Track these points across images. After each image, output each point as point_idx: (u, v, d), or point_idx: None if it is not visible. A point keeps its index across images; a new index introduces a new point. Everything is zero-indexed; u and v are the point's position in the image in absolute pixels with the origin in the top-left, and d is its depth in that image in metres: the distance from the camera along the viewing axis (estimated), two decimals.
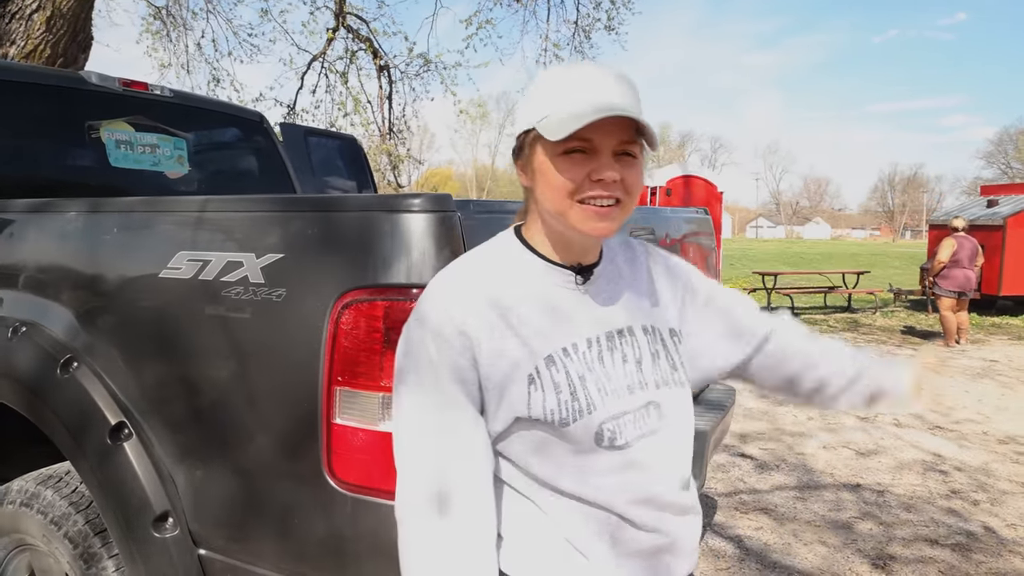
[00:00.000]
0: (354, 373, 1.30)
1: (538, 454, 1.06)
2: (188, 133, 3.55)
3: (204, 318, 1.49)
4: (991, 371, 8.00)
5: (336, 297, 1.31)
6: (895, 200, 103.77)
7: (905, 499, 4.15)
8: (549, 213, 1.05)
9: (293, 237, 1.39)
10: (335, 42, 11.40)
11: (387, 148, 12.04)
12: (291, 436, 1.40)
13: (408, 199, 1.29)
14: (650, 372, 1.12)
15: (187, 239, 1.54)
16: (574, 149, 1.01)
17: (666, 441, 1.12)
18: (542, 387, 1.03)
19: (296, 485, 1.41)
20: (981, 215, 12.52)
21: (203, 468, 1.56)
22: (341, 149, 4.80)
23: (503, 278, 1.07)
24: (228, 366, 1.47)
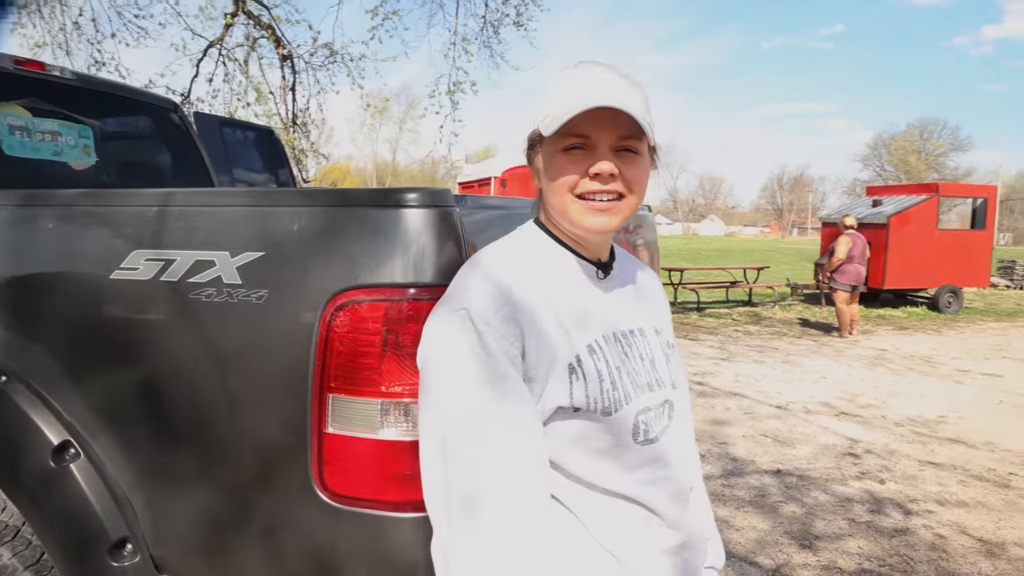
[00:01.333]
0: (350, 379, 1.21)
1: (576, 447, 1.03)
2: (95, 120, 3.28)
3: (167, 323, 1.35)
4: (882, 359, 8.56)
5: (329, 298, 1.21)
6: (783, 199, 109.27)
7: (822, 482, 4.37)
8: (554, 210, 1.07)
9: (275, 233, 1.27)
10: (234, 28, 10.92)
11: (290, 141, 11.64)
12: (273, 448, 1.29)
13: (405, 193, 1.21)
14: (664, 372, 1.16)
15: (145, 236, 1.39)
16: (573, 146, 1.02)
17: (680, 437, 1.17)
18: (584, 376, 1.01)
19: (280, 500, 1.30)
20: (867, 214, 13.35)
21: (166, 488, 1.42)
22: (258, 142, 4.58)
23: (539, 269, 1.06)
24: (198, 375, 1.34)
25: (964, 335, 10.70)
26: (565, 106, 0.99)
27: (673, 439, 1.14)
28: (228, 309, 1.29)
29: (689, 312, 12.60)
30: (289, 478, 1.27)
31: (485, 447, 0.94)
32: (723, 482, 4.33)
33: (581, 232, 1.07)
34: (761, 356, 8.59)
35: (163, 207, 1.39)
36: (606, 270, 1.13)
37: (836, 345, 9.51)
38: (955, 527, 3.76)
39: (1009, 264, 19.76)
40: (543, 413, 1.01)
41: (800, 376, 7.46)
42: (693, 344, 9.34)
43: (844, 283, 9.91)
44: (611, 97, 0.98)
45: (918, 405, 6.29)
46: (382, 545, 1.23)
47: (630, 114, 0.98)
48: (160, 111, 3.62)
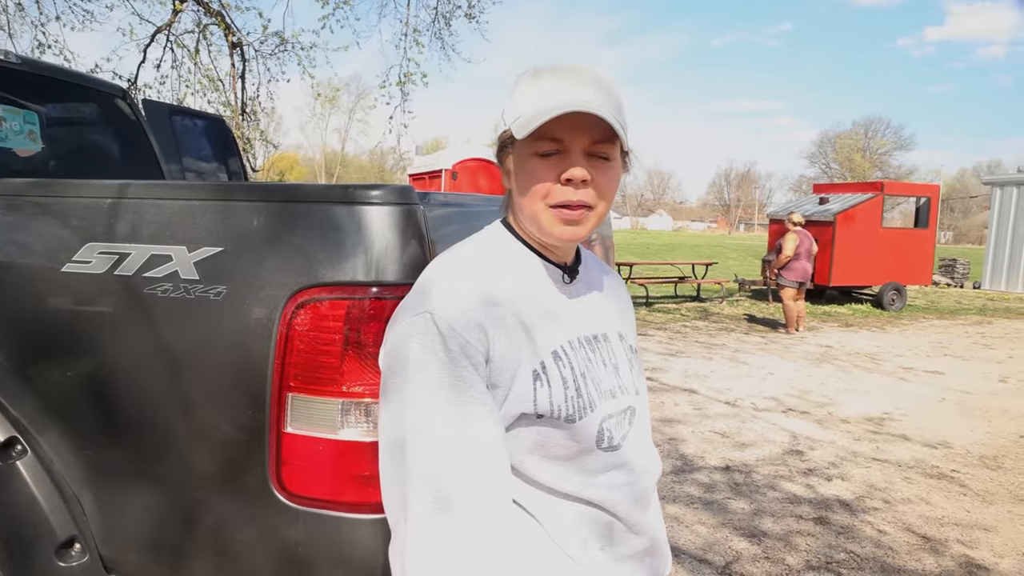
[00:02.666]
0: (310, 378, 1.19)
1: (537, 453, 1.03)
2: (40, 106, 3.17)
3: (121, 319, 1.32)
4: (828, 355, 8.76)
5: (289, 296, 1.20)
6: (731, 195, 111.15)
7: (770, 478, 4.46)
8: (524, 214, 1.05)
9: (235, 229, 1.25)
10: (183, 14, 10.66)
11: (240, 129, 11.43)
12: (231, 447, 1.27)
13: (369, 190, 1.20)
14: (628, 378, 1.16)
15: (98, 229, 1.35)
16: (546, 151, 1.00)
17: (640, 443, 1.17)
18: (548, 382, 1.01)
19: (236, 500, 1.28)
20: (814, 211, 13.63)
21: (116, 486, 1.38)
22: (209, 129, 4.47)
23: (505, 272, 1.04)
24: (151, 371, 1.31)
25: (907, 332, 10.96)
26: (540, 108, 0.97)
27: (634, 445, 1.14)
28: (185, 305, 1.27)
29: (638, 307, 12.73)
30: (246, 478, 1.26)
31: (445, 450, 0.93)
32: (673, 479, 4.40)
33: (550, 240, 1.06)
34: (709, 352, 8.72)
35: (118, 199, 1.35)
36: (572, 274, 1.13)
37: (783, 341, 9.71)
38: (900, 524, 3.86)
39: (950, 262, 20.30)
40: (506, 419, 1.00)
41: (748, 372, 7.60)
42: (642, 339, 9.43)
43: (791, 280, 10.12)
44: (588, 102, 0.97)
45: (864, 402, 6.43)
46: (341, 547, 1.22)
47: (605, 119, 0.97)
48: (108, 97, 3.52)
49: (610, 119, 0.97)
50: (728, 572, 3.26)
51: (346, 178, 73.87)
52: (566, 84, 1.00)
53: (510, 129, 1.02)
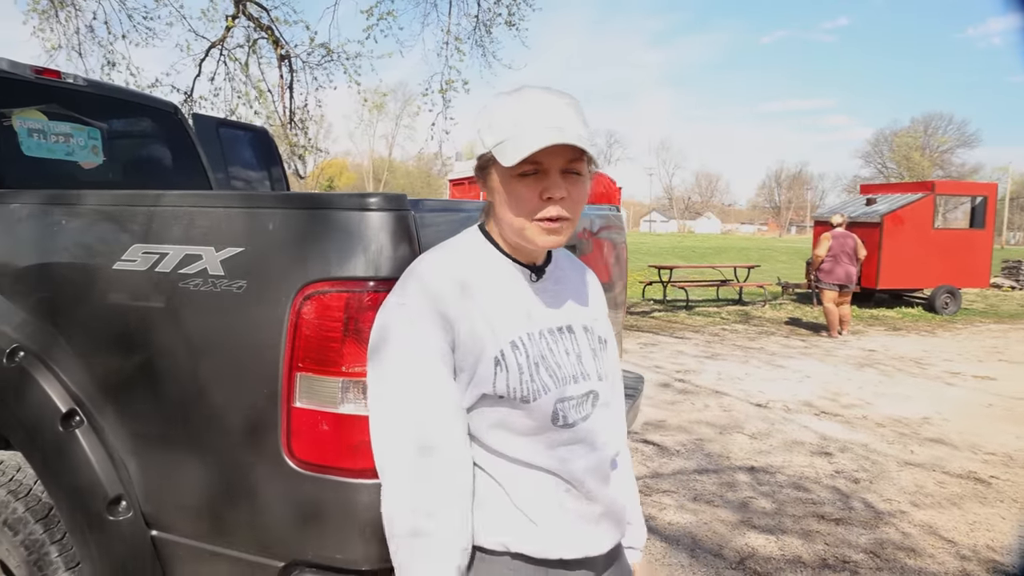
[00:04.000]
0: (315, 360, 1.40)
1: (499, 428, 1.20)
2: (102, 122, 3.49)
3: (160, 309, 1.55)
4: (871, 359, 8.66)
5: (298, 289, 1.40)
6: (781, 196, 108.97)
7: (795, 479, 4.51)
8: (509, 227, 1.21)
9: (254, 232, 1.46)
10: (234, 29, 11.17)
11: (288, 138, 11.88)
12: (250, 420, 1.48)
13: (366, 198, 1.40)
14: (591, 365, 1.31)
15: (143, 232, 1.58)
16: (527, 172, 1.15)
17: (603, 423, 1.32)
18: (506, 367, 1.17)
19: (255, 466, 1.49)
20: (861, 213, 13.40)
21: (156, 453, 1.61)
22: (253, 141, 4.77)
23: (474, 270, 1.21)
24: (185, 354, 1.54)
25: (959, 337, 10.67)
26: (524, 138, 1.12)
27: (595, 424, 1.29)
28: (212, 297, 1.49)
29: (678, 310, 12.75)
30: (263, 446, 1.47)
31: (407, 410, 1.14)
32: (694, 476, 4.50)
33: (535, 248, 1.22)
34: (746, 355, 8.74)
35: (159, 207, 1.58)
36: (539, 273, 1.28)
37: (824, 345, 9.62)
38: (926, 527, 3.82)
39: (1015, 264, 19.33)
40: (472, 397, 1.18)
41: (784, 375, 7.61)
42: (678, 342, 9.51)
43: (830, 282, 10.03)
44: (568, 133, 1.13)
45: (902, 406, 6.33)
46: (341, 506, 1.42)
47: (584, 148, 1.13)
48: (161, 113, 3.82)
49: (585, 146, 1.13)
50: (742, 567, 3.35)
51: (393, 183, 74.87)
52: (542, 112, 1.15)
53: (491, 152, 1.17)
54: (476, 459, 1.23)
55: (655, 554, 3.45)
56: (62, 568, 1.72)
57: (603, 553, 1.29)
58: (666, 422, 5.69)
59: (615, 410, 1.43)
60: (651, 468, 4.62)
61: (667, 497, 4.14)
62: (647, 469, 4.60)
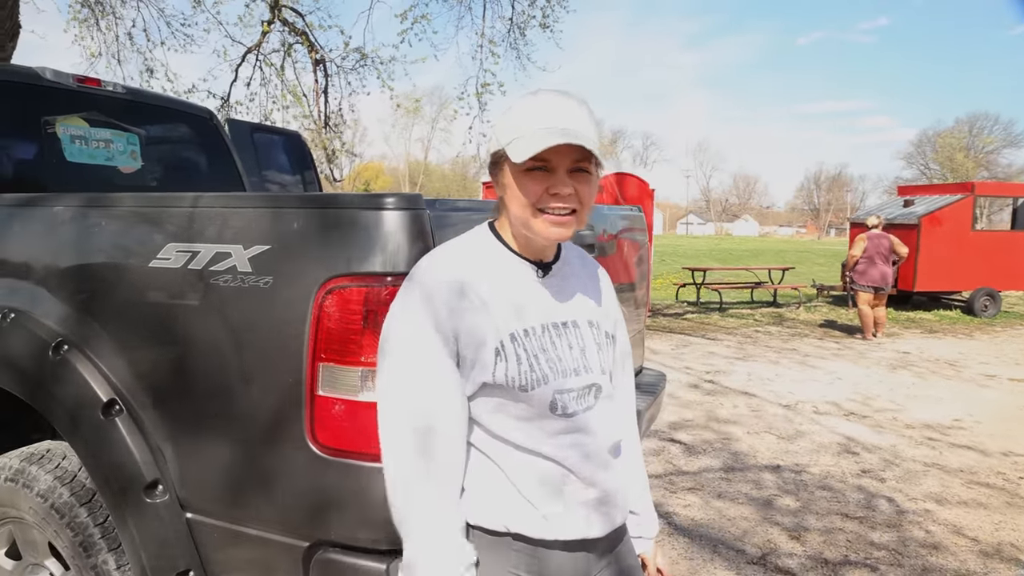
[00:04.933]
0: (336, 351, 1.48)
1: (499, 414, 1.27)
2: (140, 128, 3.63)
3: (193, 304, 1.65)
4: (905, 362, 8.55)
5: (320, 284, 1.49)
6: (820, 199, 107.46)
7: (820, 478, 4.51)
8: (517, 220, 1.28)
9: (280, 231, 1.56)
10: (270, 35, 11.37)
11: (323, 141, 12.07)
12: (277, 408, 1.57)
13: (384, 198, 1.48)
14: (594, 359, 1.36)
15: (177, 232, 1.69)
16: (535, 167, 1.23)
17: (602, 415, 1.37)
18: (506, 358, 1.24)
19: (281, 452, 1.58)
20: (898, 214, 13.21)
21: (190, 440, 1.71)
22: (286, 145, 4.91)
23: (481, 265, 1.28)
24: (215, 346, 1.63)
25: (998, 339, 10.48)
26: (534, 137, 1.19)
27: (596, 415, 1.34)
28: (241, 293, 1.58)
29: (711, 312, 12.69)
30: (290, 432, 1.56)
31: (411, 393, 1.22)
32: (720, 475, 4.53)
33: (542, 240, 1.29)
34: (778, 356, 8.69)
35: (192, 208, 1.68)
36: (546, 270, 1.34)
37: (857, 347, 9.51)
38: (951, 526, 3.82)
39: None
40: (474, 384, 1.25)
41: (814, 377, 7.56)
42: (710, 344, 9.48)
43: (864, 284, 9.92)
44: (574, 133, 1.20)
45: (934, 409, 6.27)
46: (361, 489, 1.50)
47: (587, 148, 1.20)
48: (197, 119, 3.96)
49: (590, 146, 1.20)
50: (763, 563, 3.38)
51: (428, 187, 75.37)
52: (553, 113, 1.23)
53: (504, 149, 1.24)
54: (478, 442, 1.30)
55: (678, 549, 3.49)
56: (105, 549, 1.83)
57: (602, 536, 1.34)
58: (693, 421, 5.71)
59: (620, 402, 1.50)
60: (677, 466, 4.65)
61: (692, 495, 4.17)
62: (673, 467, 4.63)
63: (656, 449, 4.99)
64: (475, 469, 1.30)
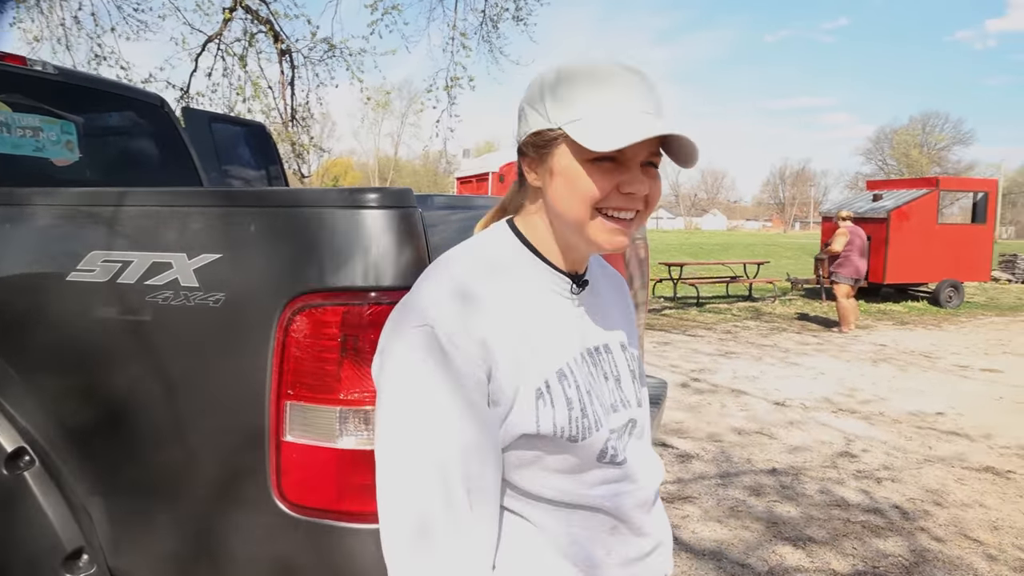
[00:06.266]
0: (307, 385, 1.17)
1: (535, 466, 0.98)
2: (78, 116, 3.23)
3: (124, 327, 1.31)
4: (883, 355, 8.50)
5: (286, 302, 1.17)
6: (785, 193, 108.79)
7: (818, 480, 4.33)
8: (563, 220, 0.97)
9: (232, 235, 1.23)
10: (232, 23, 10.85)
11: (290, 136, 11.61)
12: (232, 457, 1.25)
13: (365, 194, 1.17)
14: (629, 390, 1.11)
15: (101, 237, 1.35)
16: (603, 158, 0.93)
17: (642, 454, 1.13)
18: (552, 402, 0.94)
19: (240, 510, 1.26)
20: (867, 208, 13.25)
21: (125, 497, 1.38)
22: (248, 136, 4.53)
23: (510, 280, 0.98)
24: (155, 380, 1.30)
25: (964, 330, 10.63)
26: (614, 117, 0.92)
27: (636, 455, 1.09)
28: (185, 313, 1.25)
29: (689, 307, 12.54)
30: (248, 487, 1.24)
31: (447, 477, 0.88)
32: (717, 481, 4.29)
33: (593, 249, 1.00)
34: (760, 352, 8.54)
35: (120, 207, 1.34)
36: (580, 284, 1.05)
37: (836, 340, 9.45)
38: (954, 528, 3.72)
39: (1011, 258, 19.56)
40: (506, 438, 0.94)
41: (799, 373, 7.42)
42: (692, 340, 9.30)
43: (846, 276, 9.86)
44: (671, 121, 0.93)
45: (917, 401, 6.25)
46: (340, 557, 1.19)
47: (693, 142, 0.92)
48: (146, 106, 3.57)
49: (692, 139, 0.92)
50: None
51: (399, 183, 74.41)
52: (631, 91, 0.94)
53: (561, 129, 0.94)
54: (508, 505, 1.00)
55: (680, 566, 3.26)
56: None
57: None
58: (685, 424, 5.47)
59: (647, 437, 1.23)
60: (673, 473, 4.40)
61: (690, 505, 3.93)
62: (669, 475, 4.38)
63: None
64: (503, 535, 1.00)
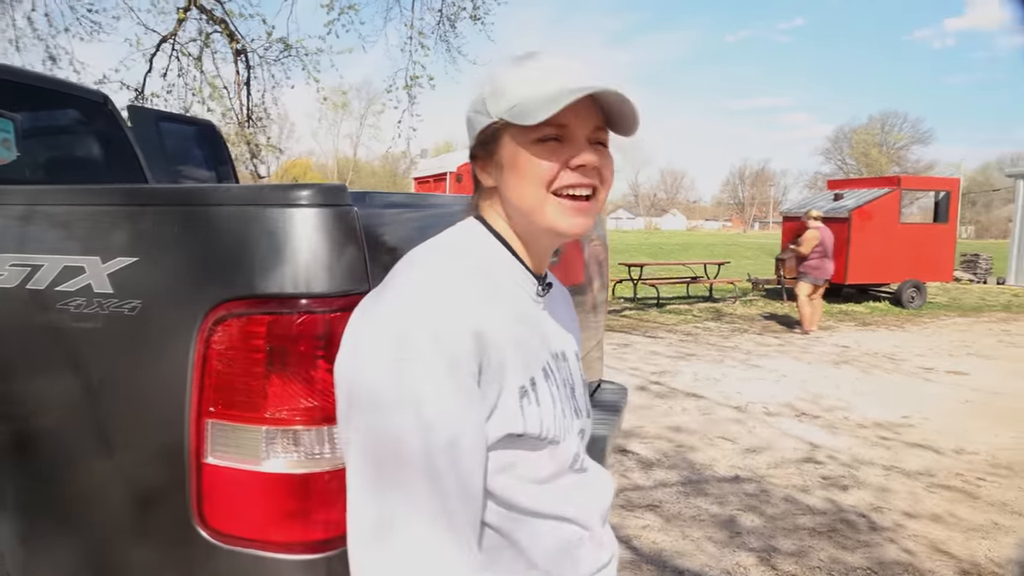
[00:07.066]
0: (230, 402, 1.07)
1: (509, 473, 0.90)
2: (15, 113, 3.08)
3: (33, 336, 1.20)
4: (845, 356, 8.53)
5: (206, 311, 1.07)
6: (745, 193, 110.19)
7: (782, 488, 4.27)
8: (521, 210, 0.94)
9: (149, 236, 1.12)
10: (187, 23, 10.66)
11: (246, 136, 11.41)
12: (151, 479, 1.14)
13: (295, 190, 1.07)
14: (582, 399, 1.08)
15: (12, 239, 1.23)
16: (548, 137, 0.90)
17: (594, 464, 1.12)
18: (537, 400, 0.90)
19: (159, 537, 1.15)
20: (828, 208, 13.33)
21: (40, 520, 1.26)
22: (198, 136, 4.38)
23: (486, 276, 0.92)
24: (64, 395, 1.19)
25: (928, 331, 10.66)
26: (546, 93, 0.88)
27: (591, 465, 1.09)
28: (98, 321, 1.14)
29: (649, 308, 12.53)
30: (167, 514, 1.13)
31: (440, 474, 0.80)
32: (679, 489, 4.23)
33: (552, 236, 0.95)
34: (721, 354, 8.52)
35: (30, 206, 1.23)
36: (545, 286, 1.01)
37: (798, 342, 9.47)
38: (924, 540, 3.64)
39: (972, 258, 19.77)
40: (488, 439, 0.87)
41: (760, 375, 7.40)
42: (652, 342, 9.26)
43: (818, 277, 9.86)
44: (602, 82, 0.89)
45: (882, 406, 6.18)
46: None
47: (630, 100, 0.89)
48: (89, 104, 3.42)
49: (630, 99, 0.89)
50: None
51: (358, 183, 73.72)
52: (565, 71, 0.91)
53: (501, 120, 0.91)
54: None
55: None
56: None
57: None
58: (644, 428, 5.41)
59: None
60: (632, 480, 4.34)
61: (650, 513, 3.86)
62: (628, 481, 4.32)
63: (609, 461, 4.65)
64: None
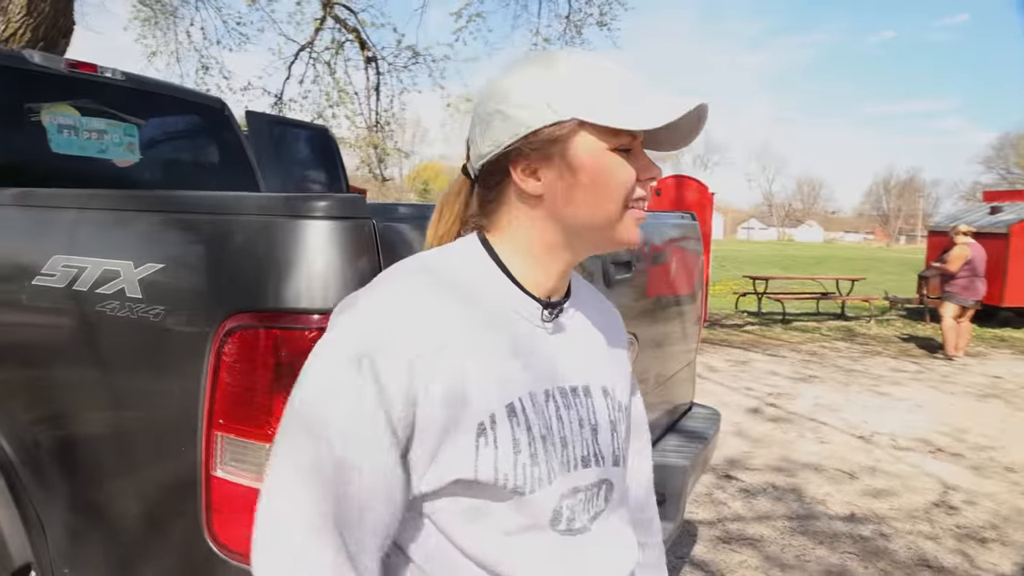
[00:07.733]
0: (237, 416, 1.04)
1: (470, 523, 0.82)
2: (141, 119, 3.30)
3: (74, 337, 1.23)
4: (997, 388, 7.71)
5: (220, 321, 1.05)
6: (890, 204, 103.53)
7: (906, 535, 3.86)
8: (588, 222, 0.85)
9: (175, 244, 1.13)
10: (323, 32, 11.26)
11: (373, 140, 11.89)
12: (168, 488, 1.14)
13: (311, 201, 1.03)
14: (607, 443, 0.93)
15: (65, 240, 1.27)
16: (624, 147, 0.84)
17: (616, 525, 0.95)
18: (495, 442, 0.79)
19: (172, 546, 1.15)
20: (983, 222, 12.21)
21: (81, 515, 1.30)
22: (311, 140, 4.54)
23: (464, 299, 0.83)
24: (100, 396, 1.22)
25: None
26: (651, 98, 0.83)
27: (605, 529, 0.91)
28: (129, 325, 1.15)
29: (773, 324, 11.95)
30: (181, 523, 1.12)
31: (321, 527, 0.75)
32: (785, 525, 3.94)
33: (614, 246, 0.89)
34: (847, 378, 7.96)
35: (82, 209, 1.26)
36: (554, 310, 0.90)
37: (939, 369, 8.69)
38: None
39: None
40: (433, 482, 0.79)
41: (892, 404, 6.83)
42: (772, 361, 8.80)
43: (967, 298, 9.06)
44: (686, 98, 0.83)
45: None
46: None
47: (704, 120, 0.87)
48: (207, 109, 3.61)
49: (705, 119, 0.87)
50: None
51: None
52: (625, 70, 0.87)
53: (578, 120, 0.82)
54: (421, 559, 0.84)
55: None
56: None
57: None
58: (753, 455, 5.11)
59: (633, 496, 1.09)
60: (732, 510, 4.09)
61: (748, 548, 3.62)
62: (728, 511, 4.08)
63: (707, 488, 4.41)
64: None
